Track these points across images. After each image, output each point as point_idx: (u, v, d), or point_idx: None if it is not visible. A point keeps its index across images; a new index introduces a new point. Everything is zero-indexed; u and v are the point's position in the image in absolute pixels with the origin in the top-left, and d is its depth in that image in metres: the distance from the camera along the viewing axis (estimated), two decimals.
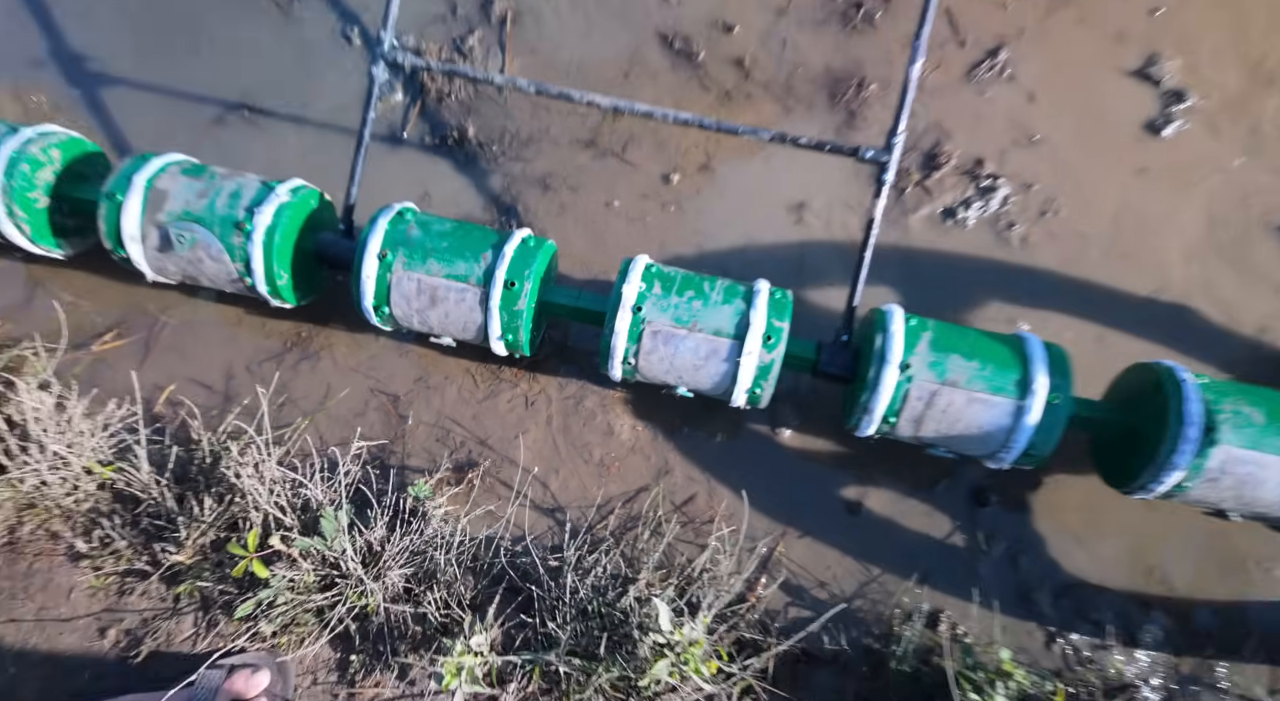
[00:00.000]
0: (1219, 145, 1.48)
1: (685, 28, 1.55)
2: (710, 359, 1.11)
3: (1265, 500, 1.06)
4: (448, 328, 1.20)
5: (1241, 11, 1.55)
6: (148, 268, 1.22)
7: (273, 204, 1.16)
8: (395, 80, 1.56)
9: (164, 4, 1.61)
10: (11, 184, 1.19)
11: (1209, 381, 1.10)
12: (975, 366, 1.08)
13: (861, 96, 1.51)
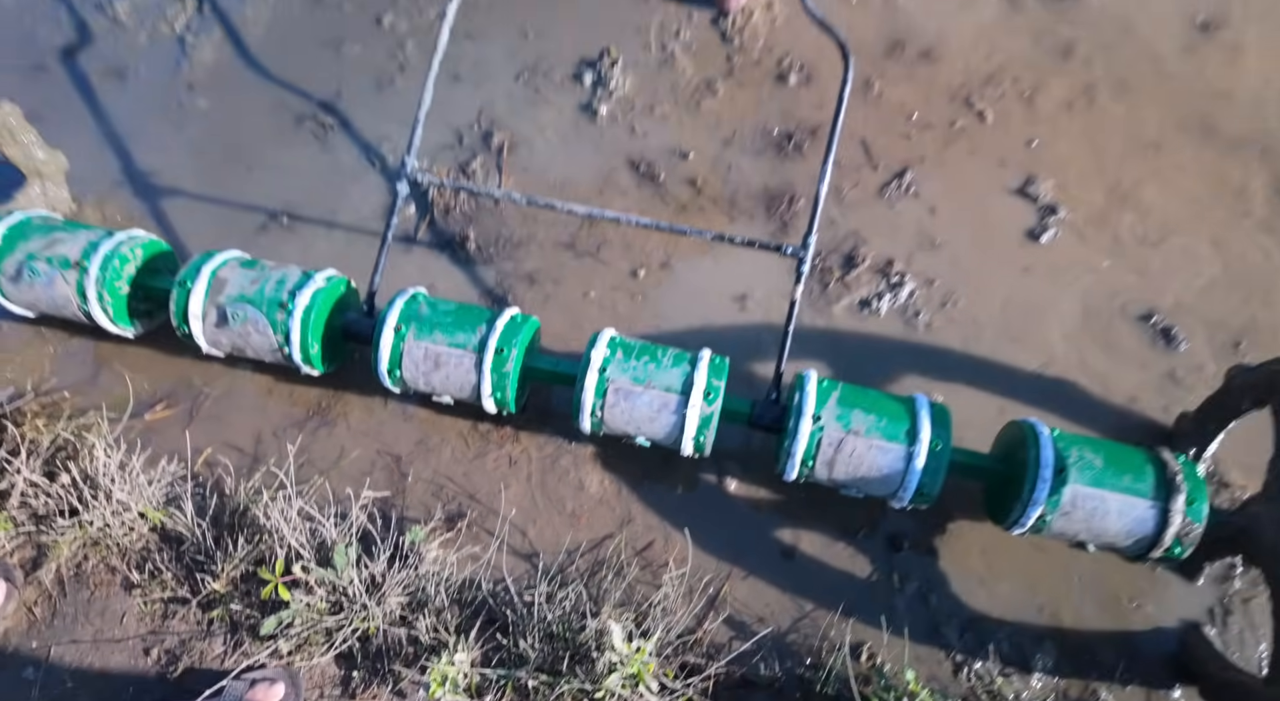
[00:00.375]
0: (1088, 250, 1.80)
1: (649, 155, 1.90)
2: (662, 411, 1.36)
3: (1111, 530, 1.30)
4: (448, 387, 1.45)
5: (1099, 144, 1.90)
6: (204, 341, 1.49)
7: (310, 288, 1.44)
8: (412, 195, 1.88)
9: (224, 135, 1.96)
10: (104, 275, 1.47)
11: (1060, 433, 1.36)
12: (874, 419, 1.34)
13: (792, 209, 1.84)
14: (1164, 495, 1.28)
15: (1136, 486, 1.29)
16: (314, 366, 1.52)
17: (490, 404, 1.46)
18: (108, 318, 1.51)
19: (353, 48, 2.07)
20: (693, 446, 1.40)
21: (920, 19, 2.05)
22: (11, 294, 1.51)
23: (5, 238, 1.48)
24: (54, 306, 1.52)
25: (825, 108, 1.93)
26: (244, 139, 1.95)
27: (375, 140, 1.95)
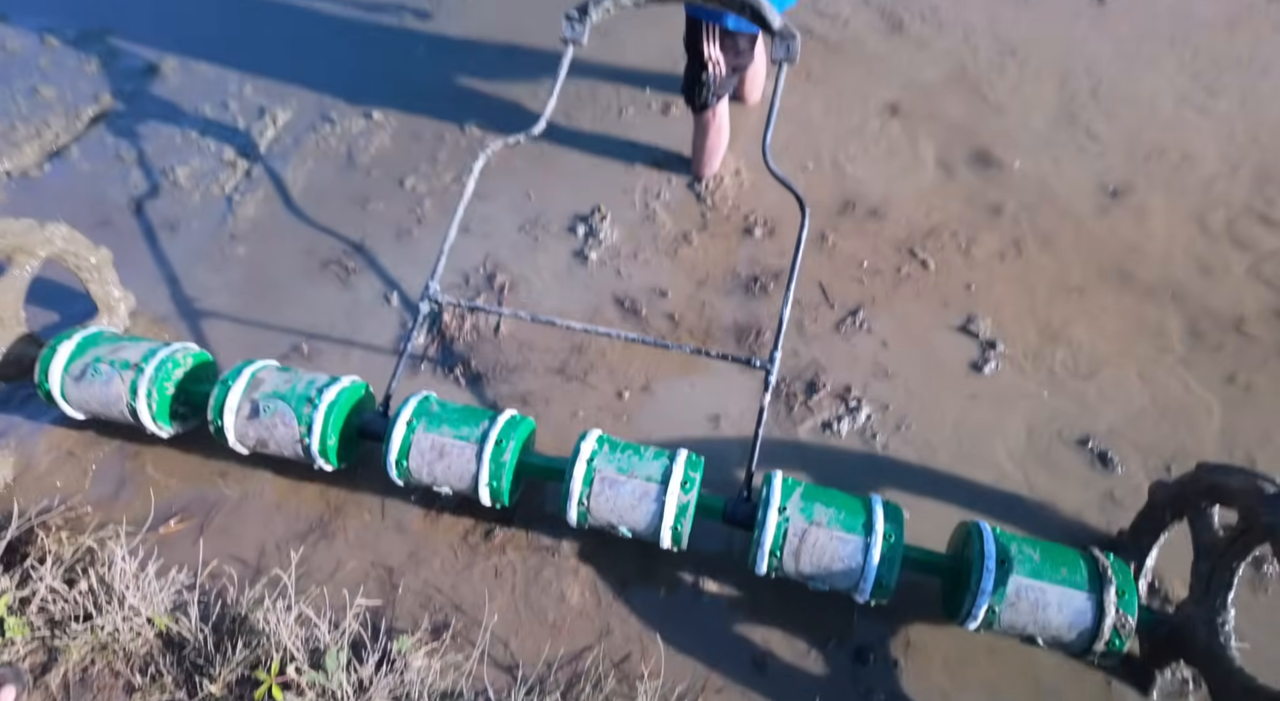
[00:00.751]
0: (1026, 380, 2.00)
1: (633, 292, 2.15)
2: (643, 500, 1.51)
3: (1054, 622, 1.40)
4: (449, 477, 1.59)
5: (1029, 289, 2.16)
6: (233, 433, 1.65)
7: (336, 387, 1.65)
8: (429, 317, 2.11)
9: (259, 277, 2.22)
10: (157, 375, 1.68)
11: (1002, 532, 1.50)
12: (834, 512, 1.49)
13: (759, 340, 2.06)
14: (1097, 587, 1.40)
15: (1072, 578, 1.42)
16: (329, 460, 1.67)
17: (486, 494, 1.59)
18: (150, 414, 1.69)
19: (377, 204, 2.38)
20: (671, 536, 1.52)
21: (868, 184, 2.39)
22: (71, 393, 1.71)
23: (80, 344, 1.74)
24: (105, 404, 1.71)
25: (786, 256, 2.21)
26: (276, 280, 2.21)
27: (392, 282, 2.21)
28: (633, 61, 2.71)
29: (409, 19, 2.91)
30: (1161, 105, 2.55)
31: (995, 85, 2.62)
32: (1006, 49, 2.71)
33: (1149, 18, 2.79)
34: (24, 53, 2.83)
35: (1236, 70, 2.64)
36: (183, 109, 2.64)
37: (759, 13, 1.68)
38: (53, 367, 1.70)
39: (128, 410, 1.70)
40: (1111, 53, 2.69)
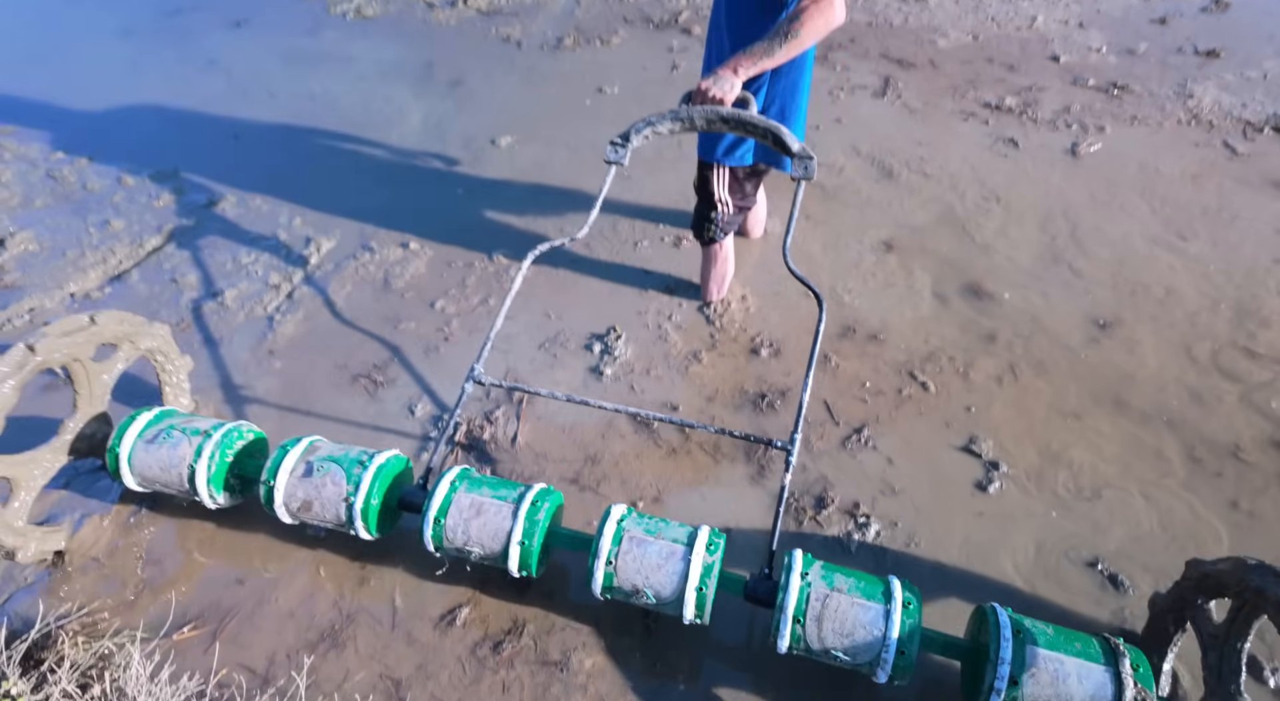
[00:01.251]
0: (1031, 500, 2.03)
1: (645, 406, 2.25)
2: (669, 558, 1.57)
3: (1076, 695, 1.39)
4: (483, 534, 1.66)
5: (1027, 412, 2.25)
6: (282, 492, 1.74)
7: (385, 455, 1.80)
8: (440, 438, 2.20)
9: (292, 389, 2.35)
10: (223, 441, 1.82)
11: (1012, 612, 1.53)
12: (854, 581, 1.54)
13: (768, 454, 2.12)
14: (1113, 661, 1.41)
15: (1088, 652, 1.44)
16: (369, 524, 1.75)
17: (516, 554, 1.65)
18: (207, 477, 1.80)
19: (408, 324, 2.56)
20: (695, 601, 1.55)
21: (867, 311, 2.55)
22: (139, 456, 1.84)
23: (159, 415, 1.92)
24: (166, 467, 1.82)
25: (792, 375, 2.33)
26: (307, 392, 2.34)
27: (417, 395, 2.32)
28: (648, 201, 2.99)
29: (443, 164, 3.24)
30: (1138, 247, 2.76)
31: (982, 226, 2.85)
32: (990, 194, 2.98)
33: (1120, 170, 3.08)
34: (102, 190, 3.15)
35: (1204, 217, 2.87)
36: (236, 239, 2.90)
37: (780, 138, 1.84)
38: (129, 432, 1.84)
39: (187, 473, 1.80)
40: (1087, 199, 2.94)
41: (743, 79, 1.90)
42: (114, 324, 1.92)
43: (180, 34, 4.19)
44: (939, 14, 4.08)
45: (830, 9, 1.78)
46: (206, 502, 1.86)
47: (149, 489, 1.90)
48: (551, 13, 4.25)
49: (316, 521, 1.78)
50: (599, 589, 1.63)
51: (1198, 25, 3.90)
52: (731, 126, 1.90)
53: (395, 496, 1.80)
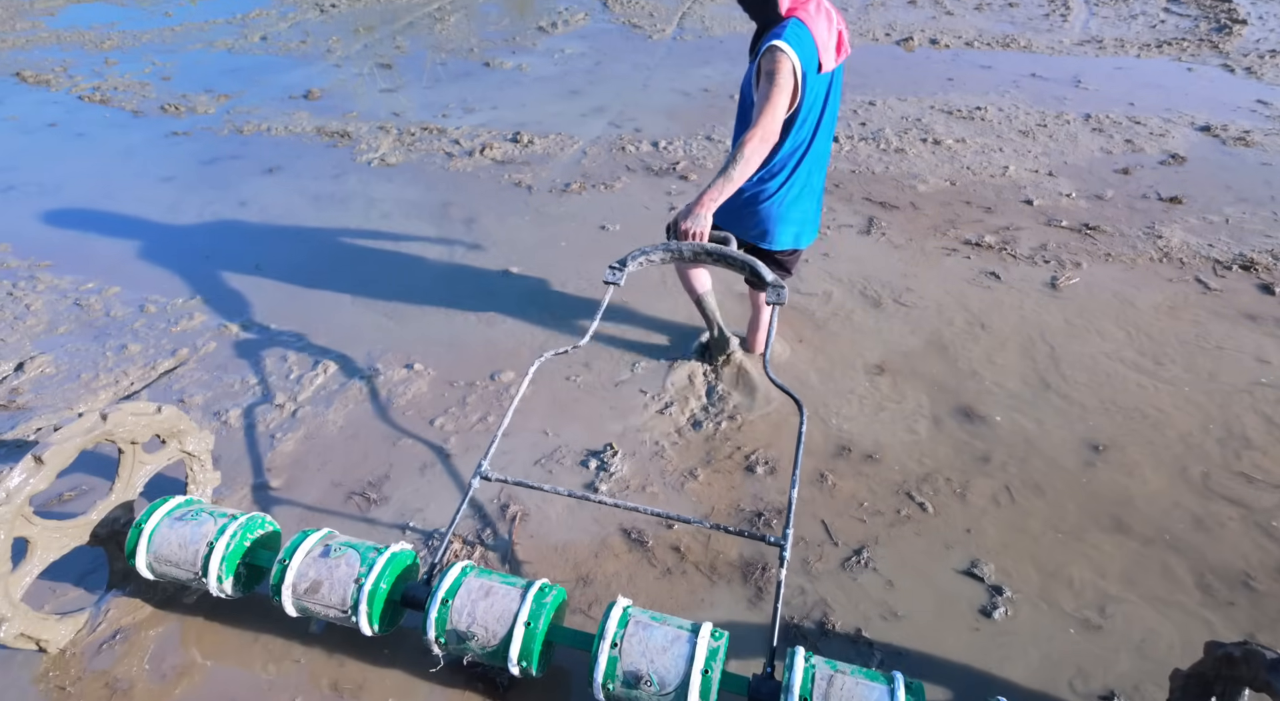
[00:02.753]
0: (1037, 623, 1.95)
1: (640, 525, 2.22)
2: (675, 642, 1.59)
3: None
4: (489, 616, 1.67)
5: (1027, 533, 2.21)
6: (294, 572, 1.76)
7: (398, 546, 1.85)
8: (428, 558, 2.15)
9: (287, 504, 2.34)
10: (247, 525, 1.88)
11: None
12: (857, 667, 1.59)
13: (765, 576, 2.06)
14: None
15: None
16: (372, 613, 1.74)
17: (520, 637, 1.63)
18: (222, 556, 1.82)
19: (406, 442, 2.58)
20: (700, 687, 1.53)
21: (861, 432, 2.57)
22: (162, 532, 1.86)
23: (188, 501, 1.97)
24: (184, 544, 1.84)
25: (785, 494, 2.31)
26: (299, 510, 2.33)
27: (411, 512, 2.30)
28: (646, 324, 3.11)
29: (453, 293, 3.41)
30: (1121, 373, 2.81)
31: (969, 352, 2.93)
32: (975, 321, 3.09)
33: (1099, 302, 3.20)
34: (125, 317, 3.30)
35: (1183, 346, 2.95)
36: (247, 361, 3.00)
37: (756, 271, 2.08)
38: (160, 510, 1.88)
39: (204, 550, 1.81)
40: (1068, 328, 3.05)
41: (711, 211, 2.12)
42: (174, 419, 2.02)
43: (217, 179, 4.56)
44: (918, 163, 4.44)
45: (759, 137, 2.06)
46: (212, 587, 1.83)
47: (156, 572, 1.86)
48: (561, 162, 4.63)
49: (321, 608, 1.76)
50: (601, 677, 1.58)
51: (1158, 175, 4.21)
52: (714, 260, 2.12)
53: (399, 591, 1.80)
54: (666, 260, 2.16)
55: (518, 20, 7.63)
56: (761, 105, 2.07)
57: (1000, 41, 6.50)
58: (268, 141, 5.03)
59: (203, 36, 7.42)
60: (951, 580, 2.07)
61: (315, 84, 6.03)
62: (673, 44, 6.73)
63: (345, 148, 4.91)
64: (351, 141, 4.99)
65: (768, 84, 2.07)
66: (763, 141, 2.07)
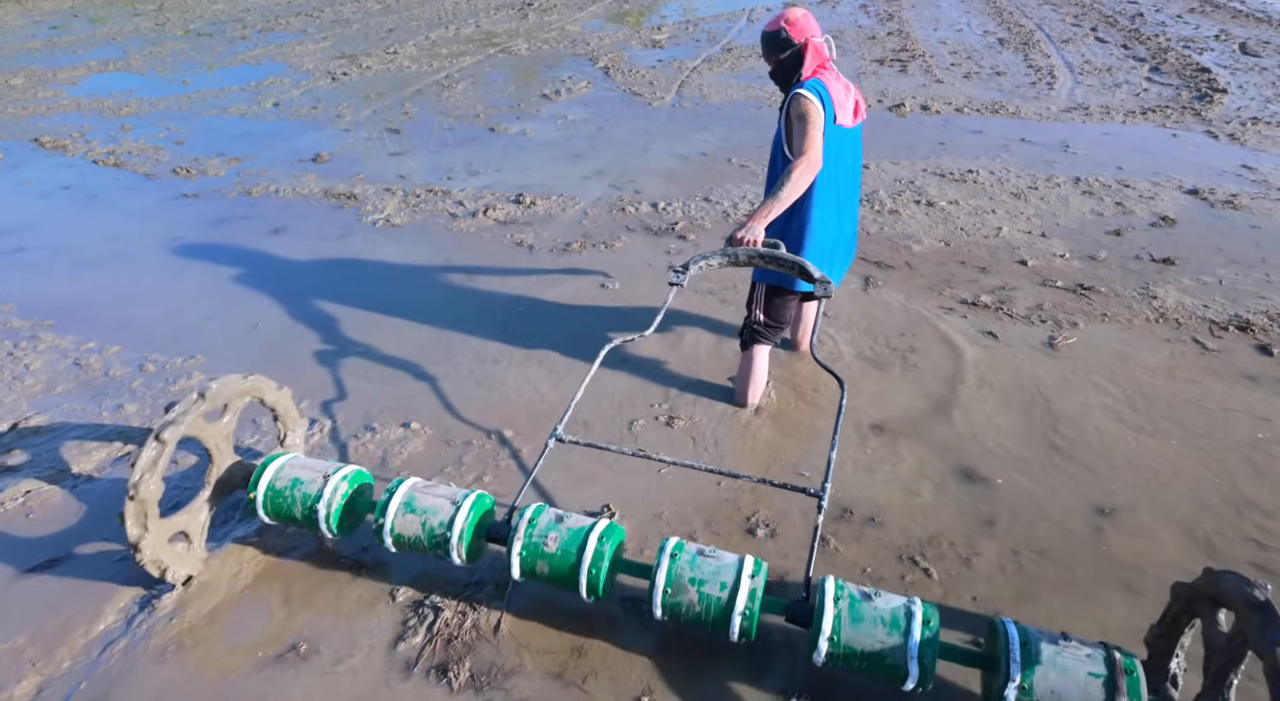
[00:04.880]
0: None
1: (633, 591, 2.16)
2: (722, 570, 1.86)
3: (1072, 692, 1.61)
4: (561, 538, 1.97)
5: (1035, 598, 2.14)
6: (399, 500, 2.10)
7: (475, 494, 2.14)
8: (419, 626, 2.09)
9: (264, 578, 2.28)
10: (350, 477, 2.22)
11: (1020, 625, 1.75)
12: (879, 602, 1.78)
13: (767, 648, 1.99)
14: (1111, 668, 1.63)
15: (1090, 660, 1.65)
16: (465, 542, 2.06)
17: (587, 562, 1.92)
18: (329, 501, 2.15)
19: None
20: (743, 613, 1.80)
21: (861, 495, 2.53)
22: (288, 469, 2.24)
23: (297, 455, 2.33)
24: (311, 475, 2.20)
25: (790, 557, 2.26)
26: (280, 581, 2.27)
27: (403, 579, 2.24)
28: (645, 381, 3.10)
29: (454, 351, 3.41)
30: (1123, 434, 2.78)
31: (969, 412, 2.91)
32: (975, 382, 3.08)
33: (1098, 362, 3.19)
34: (123, 377, 3.29)
35: (1185, 406, 2.92)
36: (240, 419, 2.98)
37: (804, 269, 2.39)
38: (275, 462, 2.24)
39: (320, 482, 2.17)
40: (1068, 389, 3.03)
41: (763, 224, 2.47)
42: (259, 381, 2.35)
43: (223, 240, 4.64)
44: (912, 224, 4.51)
45: (806, 163, 2.41)
46: (321, 524, 2.14)
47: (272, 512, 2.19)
48: (562, 222, 4.72)
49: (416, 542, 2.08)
50: (660, 599, 1.86)
51: (1149, 237, 4.27)
52: (766, 262, 2.46)
53: (484, 529, 2.10)
54: (725, 264, 2.48)
55: (522, 88, 7.90)
56: (801, 140, 2.44)
57: (989, 108, 6.70)
58: (276, 203, 5.14)
59: (217, 103, 7.67)
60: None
61: (324, 148, 6.20)
62: (672, 111, 6.94)
63: (352, 209, 5.01)
64: (358, 203, 5.09)
65: (801, 123, 2.44)
66: (808, 167, 2.42)
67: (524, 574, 1.97)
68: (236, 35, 11.45)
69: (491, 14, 12.31)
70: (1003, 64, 8.24)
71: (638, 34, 10.52)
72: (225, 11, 13.61)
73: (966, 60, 8.43)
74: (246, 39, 11.13)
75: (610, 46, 9.68)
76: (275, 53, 10.01)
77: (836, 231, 2.72)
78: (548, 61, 9.07)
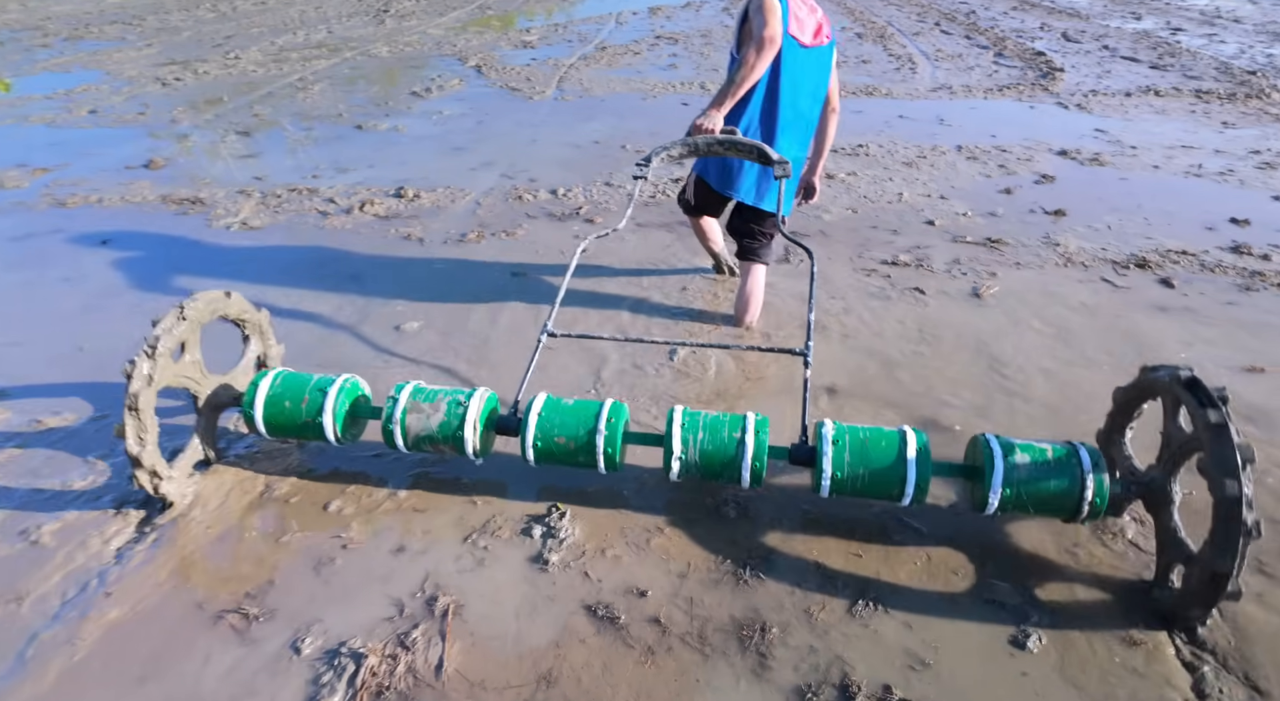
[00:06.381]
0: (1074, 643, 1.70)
1: (606, 597, 1.81)
2: (728, 426, 1.97)
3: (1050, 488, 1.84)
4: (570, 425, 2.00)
5: (1027, 539, 1.99)
6: (406, 398, 2.08)
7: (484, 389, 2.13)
8: (336, 682, 1.64)
9: (130, 649, 1.74)
10: (347, 384, 2.19)
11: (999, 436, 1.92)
12: (874, 433, 1.94)
13: (766, 639, 1.70)
14: (1078, 459, 1.84)
15: (1058, 454, 1.87)
16: (478, 434, 2.05)
17: (604, 423, 1.98)
18: (335, 403, 2.13)
19: (293, 535, 2.05)
20: (753, 454, 1.92)
21: None
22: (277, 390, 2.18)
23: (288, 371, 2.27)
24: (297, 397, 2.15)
25: (768, 538, 1.99)
26: (154, 650, 1.74)
27: (305, 627, 1.77)
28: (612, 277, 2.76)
29: (337, 356, 2.92)
30: (1069, 368, 2.74)
31: (916, 367, 2.78)
32: (914, 337, 2.96)
33: (1024, 306, 3.17)
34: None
35: (1114, 335, 2.94)
36: (71, 455, 2.37)
37: (763, 152, 2.42)
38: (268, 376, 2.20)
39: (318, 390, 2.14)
40: (1003, 333, 2.97)
41: (722, 112, 2.55)
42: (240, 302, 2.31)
43: (31, 256, 3.84)
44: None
45: (760, 43, 2.45)
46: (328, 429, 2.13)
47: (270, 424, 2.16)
48: (454, 213, 4.28)
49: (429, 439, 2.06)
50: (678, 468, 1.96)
51: (1037, 193, 4.42)
52: (726, 148, 2.47)
53: (493, 422, 2.10)
54: (684, 153, 2.49)
55: (388, 87, 7.33)
56: (758, 23, 2.45)
57: (864, 90, 6.88)
58: (99, 213, 4.35)
59: (14, 112, 6.57)
60: (972, 608, 1.80)
61: (159, 154, 5.39)
62: (555, 104, 6.64)
63: (199, 214, 4.32)
64: (206, 208, 4.40)
65: (759, 14, 2.46)
66: (763, 47, 2.44)
67: (539, 457, 2.02)
68: (35, 43, 10.03)
69: (344, 20, 11.53)
70: (865, 53, 8.56)
71: (506, 36, 10.16)
72: (19, 20, 11.95)
73: None
74: (48, 47, 9.76)
75: (479, 48, 9.26)
76: (87, 60, 8.81)
77: (800, 155, 2.86)
78: (413, 62, 8.51)
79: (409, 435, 2.06)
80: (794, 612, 1.78)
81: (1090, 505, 1.80)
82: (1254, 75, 7.14)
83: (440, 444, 2.06)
